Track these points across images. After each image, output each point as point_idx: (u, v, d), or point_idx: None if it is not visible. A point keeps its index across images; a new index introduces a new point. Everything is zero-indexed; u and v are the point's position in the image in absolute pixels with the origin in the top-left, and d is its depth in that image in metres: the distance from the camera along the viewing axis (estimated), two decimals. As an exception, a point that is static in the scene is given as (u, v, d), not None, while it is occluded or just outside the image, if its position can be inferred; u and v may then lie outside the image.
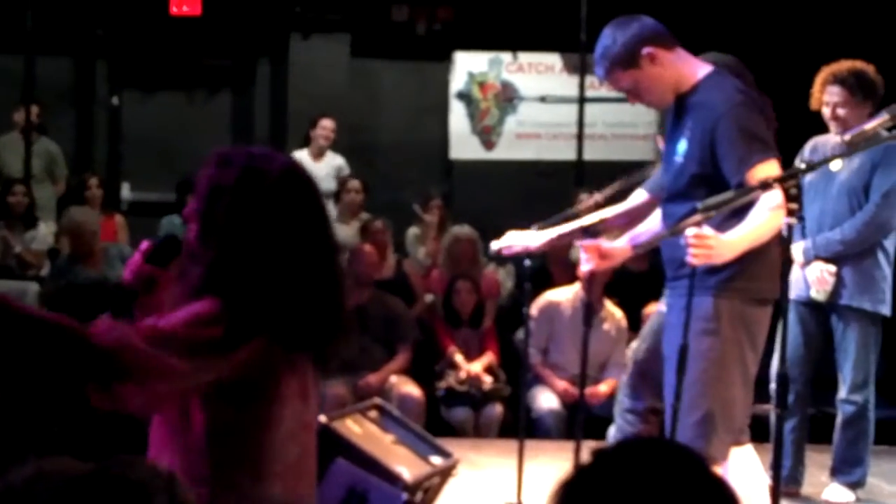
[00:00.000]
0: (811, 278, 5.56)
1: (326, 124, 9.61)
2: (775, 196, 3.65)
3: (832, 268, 5.52)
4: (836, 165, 5.48)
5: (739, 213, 3.84)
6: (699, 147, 3.99)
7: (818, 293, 5.56)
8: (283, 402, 2.71)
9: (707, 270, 3.91)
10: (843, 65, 5.55)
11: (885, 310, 5.63)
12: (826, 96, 5.53)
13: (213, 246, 2.72)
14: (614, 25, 4.14)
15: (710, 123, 3.96)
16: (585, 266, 4.51)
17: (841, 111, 5.48)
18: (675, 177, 4.11)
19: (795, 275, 5.52)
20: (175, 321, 2.60)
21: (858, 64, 5.56)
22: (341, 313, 2.83)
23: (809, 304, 5.62)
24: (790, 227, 3.53)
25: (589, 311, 4.92)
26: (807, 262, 5.58)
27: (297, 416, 2.75)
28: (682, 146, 4.06)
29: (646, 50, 4.06)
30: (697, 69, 4.11)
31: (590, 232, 4.88)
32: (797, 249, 5.53)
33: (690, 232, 3.73)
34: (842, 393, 5.66)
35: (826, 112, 5.54)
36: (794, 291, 5.46)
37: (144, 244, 2.97)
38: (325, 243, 2.81)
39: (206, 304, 2.63)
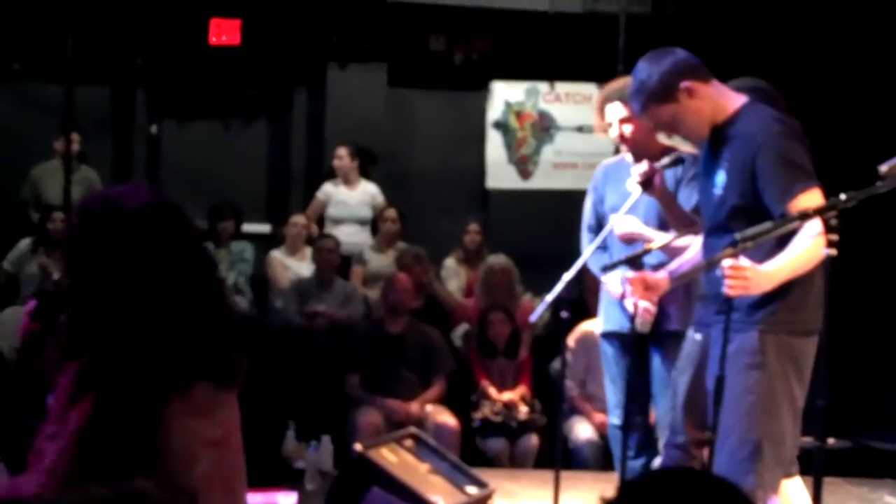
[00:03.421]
0: (633, 309, 4.82)
1: (340, 153, 9.68)
2: (815, 226, 3.62)
3: (649, 304, 4.82)
4: (632, 186, 4.80)
5: (785, 244, 3.81)
6: (739, 178, 3.95)
7: (643, 325, 4.86)
8: (165, 421, 2.69)
9: (753, 305, 3.88)
10: (618, 82, 5.11)
11: None
12: (608, 116, 5.06)
13: (87, 296, 2.77)
14: (649, 59, 4.12)
15: (749, 154, 3.92)
16: (630, 299, 4.47)
17: (626, 128, 5.02)
18: (714, 209, 4.08)
19: (611, 306, 5.15)
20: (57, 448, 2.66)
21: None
22: (225, 334, 2.84)
23: (628, 336, 4.93)
24: (830, 259, 3.49)
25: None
26: (624, 293, 4.96)
27: (192, 434, 2.73)
28: (721, 178, 4.02)
29: (683, 84, 4.04)
30: (733, 100, 4.09)
31: (634, 264, 4.85)
32: (614, 280, 5.07)
33: (727, 263, 3.71)
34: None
35: (612, 133, 5.09)
36: (611, 324, 5.17)
37: (30, 304, 3.02)
38: (198, 266, 2.83)
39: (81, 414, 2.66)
